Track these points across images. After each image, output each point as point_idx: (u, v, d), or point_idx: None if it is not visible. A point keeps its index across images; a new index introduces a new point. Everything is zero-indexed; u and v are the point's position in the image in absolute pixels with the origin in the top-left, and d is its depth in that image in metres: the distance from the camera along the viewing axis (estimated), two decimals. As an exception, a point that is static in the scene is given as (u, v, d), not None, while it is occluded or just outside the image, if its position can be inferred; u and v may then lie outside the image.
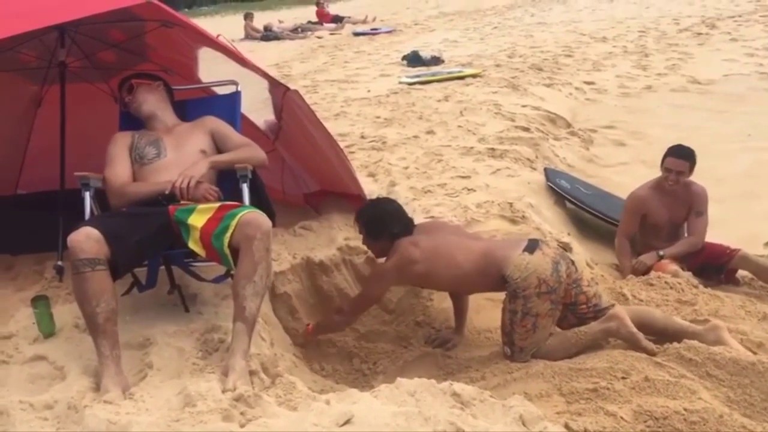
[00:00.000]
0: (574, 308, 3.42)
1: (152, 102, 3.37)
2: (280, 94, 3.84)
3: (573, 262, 3.47)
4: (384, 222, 3.52)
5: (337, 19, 19.61)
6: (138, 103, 3.37)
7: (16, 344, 2.86)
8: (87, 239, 2.56)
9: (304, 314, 3.83)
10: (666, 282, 3.98)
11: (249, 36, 17.48)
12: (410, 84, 9.51)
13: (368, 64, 12.13)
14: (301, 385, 2.63)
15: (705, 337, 3.28)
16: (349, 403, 2.35)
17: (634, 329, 3.29)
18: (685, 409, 2.69)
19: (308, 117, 4.01)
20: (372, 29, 17.52)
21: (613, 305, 3.44)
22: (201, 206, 2.86)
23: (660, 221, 4.60)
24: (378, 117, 7.63)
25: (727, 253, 4.41)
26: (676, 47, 12.09)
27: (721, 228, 4.83)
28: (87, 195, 3.04)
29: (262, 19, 19.98)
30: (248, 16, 18.65)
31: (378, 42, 15.41)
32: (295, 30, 18.36)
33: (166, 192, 2.93)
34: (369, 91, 9.32)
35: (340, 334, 3.80)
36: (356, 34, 17.07)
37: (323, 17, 20.20)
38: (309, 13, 22.57)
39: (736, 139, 7.25)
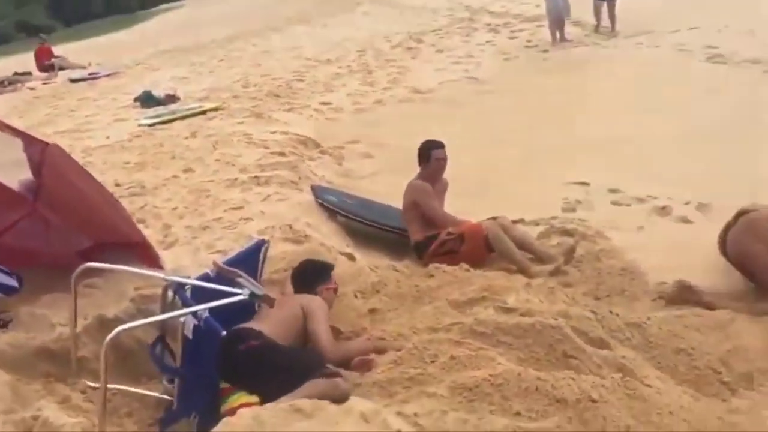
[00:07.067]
0: None
1: None
2: (39, 150, 3.66)
3: None
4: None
5: (49, 67, 18.19)
6: None
7: None
8: None
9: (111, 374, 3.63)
10: (444, 270, 4.43)
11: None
12: (151, 125, 9.26)
13: (97, 110, 11.53)
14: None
15: None
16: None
17: None
18: (490, 375, 3.04)
19: (74, 169, 3.87)
20: (90, 74, 16.55)
21: None
22: None
23: None
24: (127, 162, 7.36)
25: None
26: (393, 62, 13.07)
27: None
28: None
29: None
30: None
31: (101, 86, 14.66)
32: (1, 83, 16.72)
33: None
34: (108, 137, 8.91)
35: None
36: (73, 81, 15.98)
37: (44, 55, 18.60)
38: (13, 64, 20.69)
39: (458, 140, 8.02)
